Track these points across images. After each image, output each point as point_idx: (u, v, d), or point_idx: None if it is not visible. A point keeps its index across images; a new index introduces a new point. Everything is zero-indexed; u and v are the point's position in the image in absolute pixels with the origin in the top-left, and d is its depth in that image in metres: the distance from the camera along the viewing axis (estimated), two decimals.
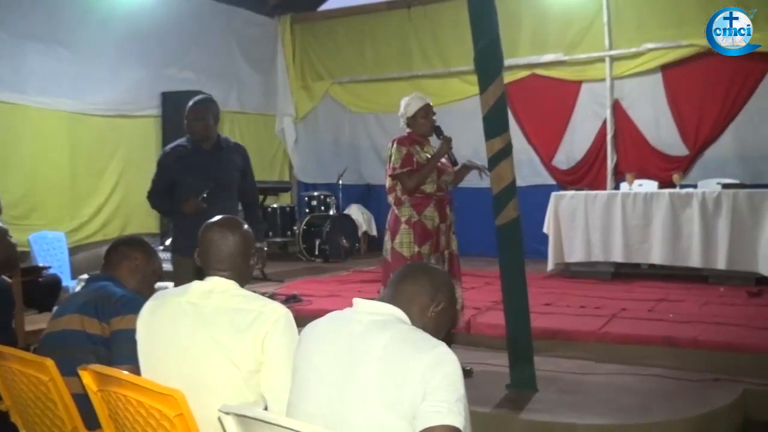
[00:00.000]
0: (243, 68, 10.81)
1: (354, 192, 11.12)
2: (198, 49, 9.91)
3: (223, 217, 2.44)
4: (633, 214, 7.39)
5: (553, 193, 8.03)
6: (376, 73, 10.95)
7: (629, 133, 9.20)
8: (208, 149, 4.50)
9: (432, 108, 4.50)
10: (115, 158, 8.90)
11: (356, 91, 11.22)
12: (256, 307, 2.19)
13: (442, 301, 2.08)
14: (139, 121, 9.19)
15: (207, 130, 4.47)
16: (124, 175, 8.94)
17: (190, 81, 9.59)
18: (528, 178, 9.48)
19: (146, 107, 9.25)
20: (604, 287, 7.08)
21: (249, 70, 10.92)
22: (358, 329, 1.95)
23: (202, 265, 2.37)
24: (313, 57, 11.58)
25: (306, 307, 6.26)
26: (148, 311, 2.33)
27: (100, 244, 8.53)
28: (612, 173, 9.25)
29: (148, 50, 9.12)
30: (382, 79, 10.84)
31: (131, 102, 9.03)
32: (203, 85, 9.57)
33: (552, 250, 7.74)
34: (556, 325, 5.33)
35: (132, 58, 8.94)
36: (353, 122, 11.26)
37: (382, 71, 10.87)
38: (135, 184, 9.05)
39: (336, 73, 11.39)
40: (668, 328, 5.14)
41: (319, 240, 9.95)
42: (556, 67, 9.58)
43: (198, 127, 4.45)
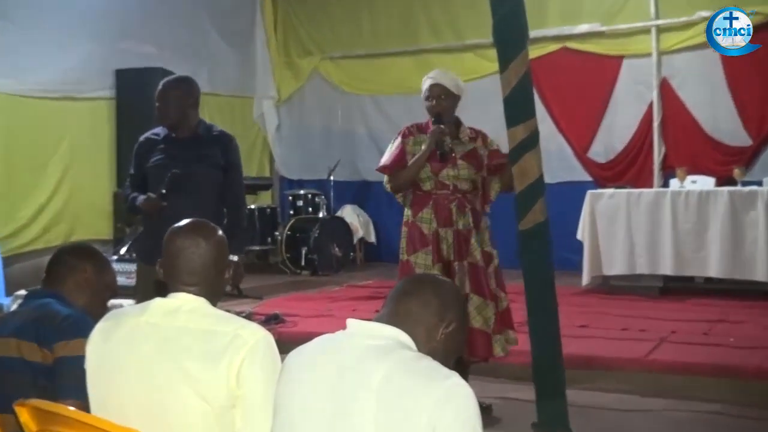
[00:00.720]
0: (215, 41, 10.82)
1: (348, 190, 11.13)
2: (160, 18, 9.90)
3: (192, 221, 2.43)
4: (685, 217, 7.38)
5: (588, 191, 8.03)
6: (374, 47, 10.95)
7: (680, 119, 9.20)
8: (183, 138, 4.53)
9: (437, 88, 4.51)
10: (59, 149, 8.90)
11: (351, 69, 11.22)
12: (231, 330, 2.18)
13: (453, 321, 2.08)
14: (88, 103, 9.20)
15: (172, 115, 4.50)
16: (70, 169, 8.94)
17: (151, 56, 9.58)
18: (558, 173, 9.46)
19: (97, 87, 9.26)
20: (650, 305, 7.08)
21: (222, 43, 10.93)
22: (352, 357, 1.94)
23: (167, 278, 2.36)
24: (299, 28, 11.59)
25: (290, 330, 6.26)
26: (99, 334, 2.32)
27: (40, 253, 8.50)
28: (659, 167, 9.25)
29: (99, 19, 9.11)
30: (382, 54, 10.84)
31: (79, 81, 9.04)
32: (166, 61, 9.55)
33: (587, 261, 7.74)
34: (592, 350, 5.32)
35: (80, 28, 8.93)
36: (347, 106, 11.27)
37: (382, 45, 10.88)
38: (84, 179, 9.06)
39: (326, 47, 11.40)
40: (727, 354, 5.13)
41: (306, 248, 9.95)
42: (592, 39, 9.58)
43: (162, 110, 4.48)
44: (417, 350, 1.99)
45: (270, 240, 10.45)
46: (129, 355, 2.22)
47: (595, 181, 9.46)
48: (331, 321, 6.37)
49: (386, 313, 2.08)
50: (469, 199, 4.53)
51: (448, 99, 4.52)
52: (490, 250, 4.54)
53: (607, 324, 6.25)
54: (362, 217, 10.87)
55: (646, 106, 9.35)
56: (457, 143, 4.55)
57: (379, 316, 2.09)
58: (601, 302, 7.30)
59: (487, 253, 4.53)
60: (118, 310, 2.42)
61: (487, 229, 4.57)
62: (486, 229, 4.56)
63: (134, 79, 9.15)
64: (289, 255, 10.12)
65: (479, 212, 4.56)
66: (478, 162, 4.54)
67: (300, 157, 11.69)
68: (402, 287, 2.14)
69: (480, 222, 4.54)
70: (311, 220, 10.23)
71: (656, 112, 9.26)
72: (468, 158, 4.53)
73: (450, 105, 4.54)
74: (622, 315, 6.61)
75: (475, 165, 4.53)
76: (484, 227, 4.56)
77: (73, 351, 2.51)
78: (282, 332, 6.04)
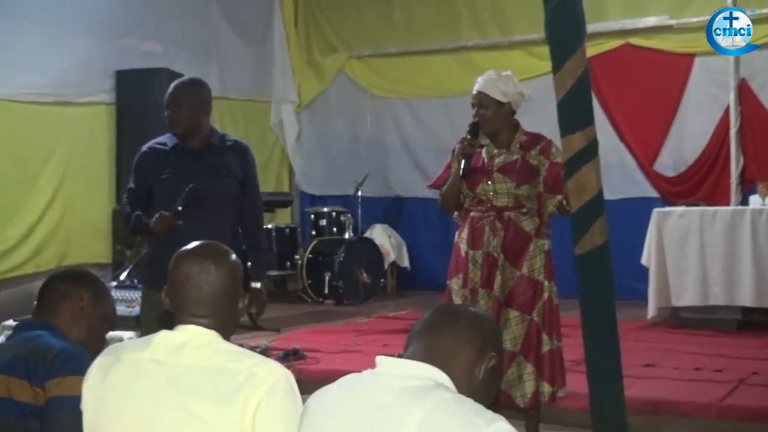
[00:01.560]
0: (227, 38, 10.91)
1: (378, 207, 11.15)
2: (165, 13, 10.00)
3: (202, 244, 2.45)
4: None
5: (655, 209, 7.99)
6: (408, 43, 11.00)
7: (761, 126, 9.14)
8: (194, 149, 4.57)
9: (478, 96, 4.56)
10: (52, 160, 8.99)
11: (382, 69, 11.27)
12: (246, 368, 2.19)
13: (493, 357, 2.09)
14: (85, 109, 9.30)
15: (184, 121, 4.53)
16: (64, 182, 9.03)
17: (155, 56, 9.69)
18: (620, 188, 9.44)
19: (95, 91, 9.36)
20: (727, 342, 7.02)
21: (235, 40, 11.02)
22: (384, 399, 1.95)
23: (173, 308, 2.38)
24: (322, 21, 11.67)
25: (311, 367, 6.26)
26: (97, 371, 2.34)
27: (30, 278, 8.59)
28: (738, 182, 9.18)
29: (96, 14, 9.23)
30: (418, 51, 10.88)
31: (75, 84, 9.14)
32: (172, 61, 9.65)
33: (654, 290, 7.69)
34: (660, 394, 5.28)
35: (75, 24, 9.05)
36: (377, 111, 11.31)
37: (417, 41, 10.92)
38: (79, 195, 9.13)
39: (354, 45, 11.46)
40: None
41: (330, 274, 9.97)
42: (660, 34, 9.57)
43: (173, 116, 4.53)
44: (456, 390, 1.99)
45: (289, 264, 10.48)
46: (129, 395, 2.24)
47: (663, 198, 9.41)
48: (358, 357, 6.38)
49: (418, 349, 2.08)
50: (512, 218, 4.53)
51: (491, 108, 4.55)
52: (540, 278, 4.51)
53: (676, 363, 6.20)
54: (394, 239, 10.86)
55: (722, 110, 9.29)
56: (503, 153, 4.58)
57: (411, 353, 2.09)
58: (670, 338, 7.24)
59: (534, 281, 4.50)
60: (119, 344, 2.44)
61: (540, 254, 4.54)
62: (538, 255, 4.53)
63: (136, 81, 9.24)
64: (311, 281, 10.14)
65: (528, 233, 4.54)
66: (522, 174, 4.54)
67: (323, 169, 11.73)
68: (433, 319, 2.15)
69: (528, 245, 4.52)
70: (336, 241, 10.25)
71: (734, 117, 9.19)
72: (505, 170, 4.55)
73: (493, 115, 4.56)
74: (694, 353, 6.55)
75: (515, 177, 4.53)
76: (536, 252, 4.53)
77: (67, 390, 2.54)
78: (302, 370, 6.03)
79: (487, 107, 4.55)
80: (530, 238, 4.53)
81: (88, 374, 2.35)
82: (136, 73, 9.27)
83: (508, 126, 4.63)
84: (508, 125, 4.62)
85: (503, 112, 4.58)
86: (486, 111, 4.55)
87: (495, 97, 4.54)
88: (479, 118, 4.57)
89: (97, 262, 9.14)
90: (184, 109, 4.52)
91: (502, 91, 4.55)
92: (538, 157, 4.55)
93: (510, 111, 4.60)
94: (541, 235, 4.57)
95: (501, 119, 4.59)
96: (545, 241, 4.58)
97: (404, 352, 2.11)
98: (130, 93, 9.26)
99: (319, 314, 9.25)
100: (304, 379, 4.94)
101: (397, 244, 10.85)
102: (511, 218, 4.53)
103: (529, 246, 4.52)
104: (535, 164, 4.55)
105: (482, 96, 4.56)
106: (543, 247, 4.55)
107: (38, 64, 8.72)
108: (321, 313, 9.36)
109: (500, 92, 4.54)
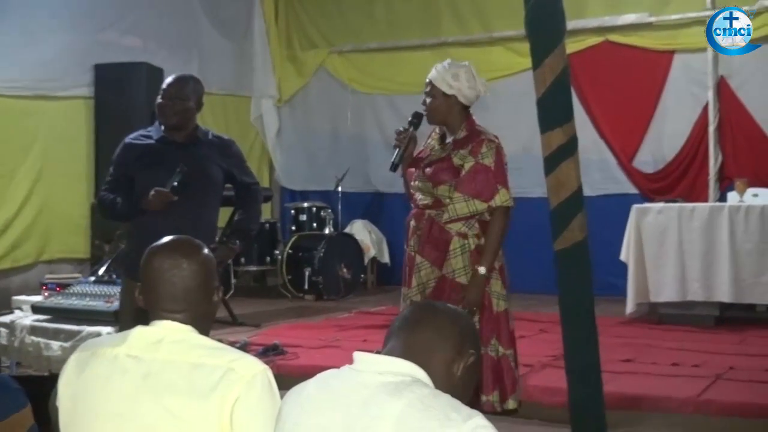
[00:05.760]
0: (207, 33, 10.87)
1: (358, 203, 11.15)
2: (145, 7, 9.97)
3: (173, 239, 2.44)
4: (745, 236, 7.36)
5: (634, 206, 8.01)
6: (389, 39, 11.01)
7: (740, 124, 9.18)
8: (180, 141, 4.61)
9: (428, 84, 4.51)
10: (30, 154, 8.94)
11: (363, 64, 11.26)
12: (224, 363, 2.19)
13: (472, 354, 2.09)
14: (63, 103, 9.24)
15: (183, 113, 4.59)
16: (42, 177, 8.98)
17: (134, 50, 9.65)
18: (599, 185, 9.47)
19: (74, 84, 9.31)
20: (705, 337, 7.05)
21: (215, 34, 10.98)
22: (361, 395, 1.94)
23: (147, 305, 2.37)
24: (303, 16, 11.65)
25: (291, 362, 6.26)
26: (73, 367, 2.33)
27: (7, 273, 8.56)
28: (716, 179, 9.22)
29: (75, 7, 9.19)
30: (398, 47, 10.89)
31: (53, 78, 9.08)
32: (152, 55, 9.62)
33: (633, 286, 7.71)
34: (638, 389, 5.30)
35: (55, 18, 9.00)
36: (358, 106, 11.31)
37: (399, 37, 10.93)
38: (57, 190, 9.08)
39: (335, 40, 11.44)
40: None
41: (310, 269, 9.96)
42: (639, 31, 9.58)
43: (172, 107, 4.54)
44: (434, 387, 1.99)
45: (269, 259, 10.46)
46: (106, 391, 2.23)
47: (642, 194, 9.44)
48: (337, 353, 6.38)
49: (397, 345, 2.08)
50: (432, 216, 4.42)
51: (437, 99, 4.47)
52: (461, 280, 4.33)
53: (654, 358, 6.23)
54: (375, 234, 10.87)
55: (701, 108, 9.33)
56: (438, 149, 4.51)
57: (389, 349, 2.09)
58: (648, 333, 7.27)
59: (455, 283, 4.34)
60: (95, 340, 2.43)
61: (462, 255, 4.35)
62: (460, 255, 4.35)
63: (115, 75, 9.18)
64: (291, 277, 10.13)
65: (448, 232, 4.36)
66: (440, 174, 4.41)
67: (304, 165, 11.72)
68: (412, 315, 2.15)
69: (448, 245, 4.35)
70: (316, 236, 10.24)
71: (712, 115, 9.23)
72: (430, 167, 4.47)
73: (438, 106, 4.47)
74: (672, 348, 6.58)
75: (432, 177, 4.42)
76: (457, 252, 4.35)
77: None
78: (282, 365, 6.02)
79: (434, 97, 4.49)
80: (451, 237, 4.36)
81: (64, 370, 2.35)
82: (116, 68, 9.22)
83: (457, 119, 4.49)
84: (457, 118, 4.48)
85: (449, 103, 4.46)
86: (432, 101, 4.50)
87: (440, 88, 4.45)
88: (425, 108, 4.53)
89: (74, 257, 9.11)
90: (186, 102, 4.59)
91: (448, 83, 4.44)
92: (465, 156, 4.40)
93: (458, 104, 4.46)
94: (464, 236, 4.35)
95: (446, 110, 4.47)
96: (469, 242, 4.35)
97: (383, 348, 2.11)
98: (109, 87, 9.20)
99: (299, 309, 9.24)
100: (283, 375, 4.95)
101: (377, 240, 10.85)
102: (432, 217, 4.42)
103: (449, 246, 4.36)
104: (459, 163, 4.39)
105: (430, 85, 4.50)
106: (467, 247, 4.35)
107: (16, 58, 8.68)
108: (301, 308, 9.35)
109: (446, 84, 4.44)
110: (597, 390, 4.03)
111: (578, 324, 3.99)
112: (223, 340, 2.48)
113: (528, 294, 8.24)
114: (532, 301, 8.18)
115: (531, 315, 7.80)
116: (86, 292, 6.00)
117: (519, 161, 9.52)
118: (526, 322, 7.53)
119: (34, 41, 8.82)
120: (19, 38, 8.68)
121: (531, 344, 6.67)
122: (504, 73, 9.84)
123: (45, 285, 6.56)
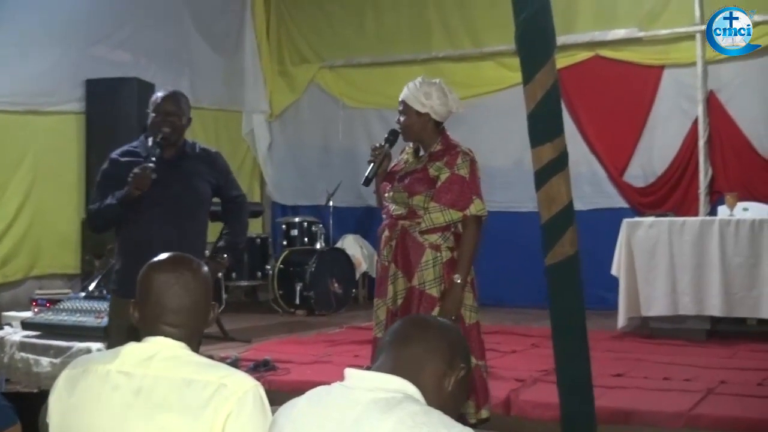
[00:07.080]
0: (198, 47, 10.88)
1: (350, 218, 11.14)
2: (136, 22, 9.97)
3: (175, 255, 2.45)
4: (735, 251, 7.36)
5: (625, 220, 8.02)
6: (380, 54, 11.03)
7: (729, 138, 9.21)
8: (168, 157, 4.60)
9: (402, 103, 4.56)
10: (21, 169, 8.92)
11: (353, 79, 11.28)
12: (215, 379, 2.19)
13: (463, 368, 2.09)
14: (54, 118, 9.23)
15: (177, 128, 4.61)
16: (33, 192, 8.96)
17: (125, 65, 9.65)
18: (590, 199, 9.49)
19: (65, 99, 9.30)
20: (696, 351, 7.04)
21: (207, 49, 10.99)
22: (352, 412, 1.94)
23: (143, 321, 2.36)
24: (294, 31, 11.66)
25: (282, 378, 6.23)
26: (64, 384, 2.32)
27: None
28: (706, 193, 9.24)
29: (66, 22, 9.17)
30: (389, 62, 10.90)
31: (44, 93, 9.08)
32: (143, 70, 9.62)
33: (624, 300, 7.71)
34: (629, 403, 5.29)
35: (46, 33, 8.98)
36: (349, 121, 11.33)
37: (389, 52, 10.95)
38: (48, 205, 9.06)
39: (326, 55, 11.46)
40: None
41: (301, 284, 9.94)
42: (629, 46, 9.62)
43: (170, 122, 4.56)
44: (425, 402, 1.99)
45: (260, 274, 10.45)
46: (97, 407, 2.22)
47: (633, 209, 9.46)
48: (329, 368, 6.35)
49: (387, 360, 2.08)
50: (406, 227, 4.48)
51: (410, 117, 4.52)
52: (432, 292, 4.38)
53: (646, 373, 6.21)
54: (366, 249, 10.86)
55: (691, 122, 9.36)
56: (412, 162, 4.57)
57: (379, 365, 2.09)
58: (640, 347, 7.25)
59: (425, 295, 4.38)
60: (86, 357, 2.42)
61: (435, 267, 4.41)
62: (432, 267, 4.41)
63: (106, 90, 9.18)
64: (282, 292, 10.11)
65: (421, 244, 4.42)
66: (417, 184, 4.48)
67: (295, 179, 11.72)
68: (402, 330, 2.15)
69: (421, 256, 4.41)
70: (307, 251, 10.23)
71: (702, 129, 9.26)
72: (405, 179, 4.53)
73: (411, 124, 4.53)
74: (664, 362, 6.56)
75: (408, 187, 4.49)
76: (428, 264, 4.41)
77: None
78: (273, 381, 6.00)
79: (408, 116, 4.54)
80: (424, 249, 4.42)
81: (55, 386, 2.34)
82: (107, 82, 9.22)
83: (431, 136, 4.54)
84: (431, 135, 4.54)
85: (422, 121, 4.51)
86: (406, 119, 4.55)
87: (413, 107, 4.50)
88: (399, 126, 4.58)
89: (65, 273, 9.08)
90: (182, 117, 4.64)
91: (420, 101, 4.48)
92: (441, 167, 4.46)
93: (431, 120, 4.52)
94: (437, 248, 4.41)
95: (420, 128, 4.53)
96: (442, 254, 4.41)
97: (372, 363, 2.10)
98: (100, 102, 9.20)
99: (290, 325, 9.22)
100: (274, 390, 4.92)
101: (368, 255, 10.83)
102: (406, 228, 4.48)
103: (421, 258, 4.41)
104: (435, 174, 4.45)
105: (403, 104, 4.55)
106: (439, 259, 4.40)
107: (7, 73, 8.66)
108: (292, 323, 9.33)
109: (419, 102, 4.48)
110: (589, 404, 4.03)
111: (570, 338, 3.98)
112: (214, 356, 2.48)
113: (519, 308, 8.26)
114: (523, 316, 8.19)
115: (522, 329, 7.78)
116: (76, 307, 5.99)
117: (509, 176, 9.59)
118: (518, 336, 7.52)
119: (26, 56, 8.81)
120: (10, 54, 8.67)
121: (522, 359, 6.67)
122: (494, 87, 9.87)
123: (35, 300, 6.55)
